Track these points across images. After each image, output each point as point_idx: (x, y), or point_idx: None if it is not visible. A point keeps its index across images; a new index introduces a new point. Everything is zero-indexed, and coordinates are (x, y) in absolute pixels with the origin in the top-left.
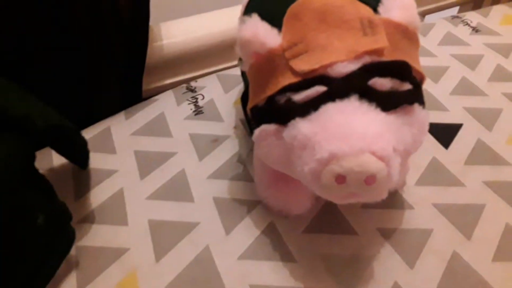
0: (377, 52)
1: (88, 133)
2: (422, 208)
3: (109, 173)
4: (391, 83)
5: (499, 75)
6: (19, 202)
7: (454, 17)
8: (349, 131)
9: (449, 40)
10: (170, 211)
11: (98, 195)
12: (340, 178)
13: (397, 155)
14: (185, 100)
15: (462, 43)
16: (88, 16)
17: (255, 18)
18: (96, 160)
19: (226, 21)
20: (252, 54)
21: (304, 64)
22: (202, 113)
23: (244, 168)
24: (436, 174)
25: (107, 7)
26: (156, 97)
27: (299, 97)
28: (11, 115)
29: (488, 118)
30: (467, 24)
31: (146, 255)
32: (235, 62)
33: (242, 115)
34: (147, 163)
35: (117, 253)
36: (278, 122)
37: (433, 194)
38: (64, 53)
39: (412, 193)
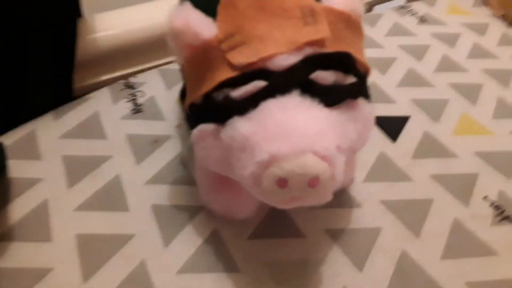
0: (319, 43)
1: (10, 138)
2: (370, 205)
3: (32, 182)
4: (334, 76)
5: (446, 65)
6: None
7: (401, 7)
8: (290, 130)
9: (396, 30)
10: (101, 223)
11: (18, 209)
12: (282, 182)
13: (341, 154)
14: (123, 98)
15: (409, 33)
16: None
17: (187, 6)
18: (17, 169)
19: (166, 12)
20: (185, 46)
21: (241, 57)
22: (142, 111)
23: (186, 170)
24: (384, 170)
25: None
26: (90, 95)
27: (238, 93)
28: None
29: (435, 109)
30: (414, 14)
31: (72, 276)
32: None
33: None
34: (77, 169)
35: (39, 274)
36: (216, 121)
37: (381, 191)
38: None
39: (360, 190)
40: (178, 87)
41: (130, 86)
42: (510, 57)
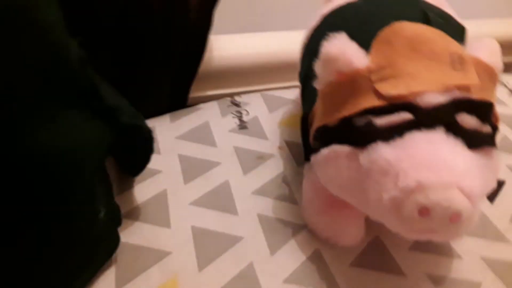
0: (466, 88)
1: None
2: (470, 259)
3: (153, 172)
4: (475, 122)
5: None
6: (93, 189)
7: None
8: (437, 162)
9: None
10: (213, 220)
11: (141, 193)
12: (424, 211)
13: (481, 196)
14: (230, 113)
15: (501, 103)
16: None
17: (343, 36)
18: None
19: (277, 43)
20: (335, 71)
21: (392, 88)
22: (247, 128)
23: (289, 189)
24: (482, 228)
25: (174, 14)
26: (201, 105)
27: (382, 121)
28: (106, 104)
29: None
30: (505, 86)
31: (189, 262)
32: (280, 84)
33: (286, 136)
34: (191, 168)
35: (159, 255)
36: (354, 144)
37: (481, 247)
38: (120, 45)
39: (460, 243)
40: (279, 111)
41: (236, 104)
42: None
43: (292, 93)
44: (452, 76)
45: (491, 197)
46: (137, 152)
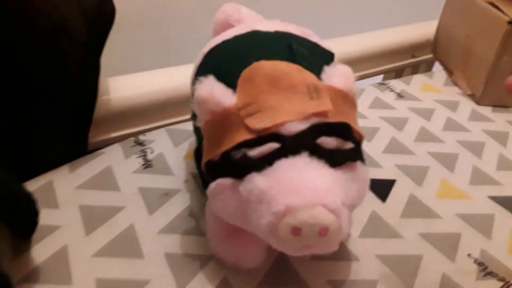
0: (323, 114)
1: (29, 187)
2: (366, 259)
3: (51, 229)
4: (336, 142)
5: (424, 136)
6: None
7: (380, 83)
8: (302, 185)
9: (377, 104)
10: (118, 269)
11: (39, 253)
12: (296, 230)
13: (346, 208)
14: (133, 154)
15: (389, 107)
16: (37, 65)
17: (211, 79)
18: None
19: (173, 78)
20: (208, 111)
21: (258, 123)
22: (152, 166)
23: (196, 222)
24: (376, 227)
25: (57, 60)
26: (103, 150)
27: (254, 152)
28: None
29: (417, 174)
30: (392, 90)
31: None
32: (184, 117)
33: (192, 169)
34: (93, 218)
35: None
36: (234, 176)
37: (375, 246)
38: (7, 99)
39: (357, 245)
40: (185, 145)
41: (140, 143)
42: (480, 130)
43: None
44: (309, 105)
45: (383, 196)
46: (22, 218)
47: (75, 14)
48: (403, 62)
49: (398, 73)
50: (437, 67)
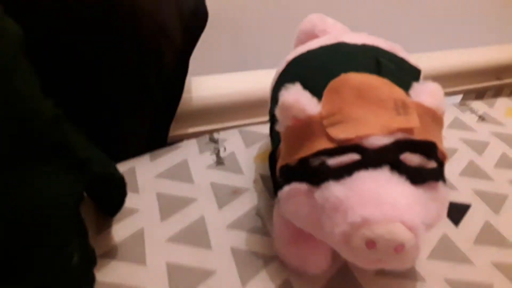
0: (409, 130)
1: None
2: (433, 281)
3: (131, 212)
4: (419, 160)
5: (505, 162)
6: (65, 237)
7: (461, 104)
8: (381, 199)
9: (457, 124)
10: (188, 255)
11: (118, 232)
12: (370, 243)
13: (424, 227)
14: (208, 150)
15: (469, 129)
16: (137, 64)
17: (297, 87)
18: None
19: (250, 82)
20: (291, 117)
21: (341, 133)
22: (223, 164)
23: (262, 222)
24: (446, 250)
25: (156, 59)
26: (180, 143)
27: (333, 161)
28: (78, 157)
29: (495, 201)
30: (474, 112)
31: None
32: (257, 119)
33: (262, 170)
34: (168, 206)
35: None
36: (310, 182)
37: (444, 269)
38: (105, 91)
39: (424, 266)
40: (255, 146)
41: (214, 141)
42: None
43: (268, 127)
44: (395, 120)
45: (456, 220)
46: (111, 197)
47: (174, 16)
48: (486, 84)
49: (478, 94)
50: None
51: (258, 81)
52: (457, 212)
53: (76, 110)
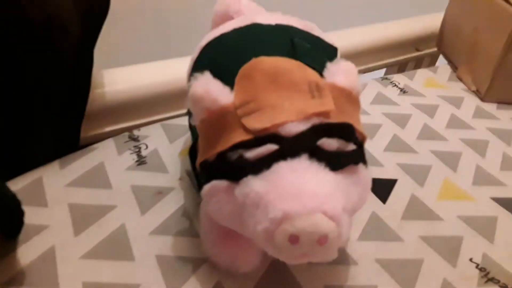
0: (324, 114)
1: (17, 184)
2: (365, 263)
3: (39, 228)
4: (337, 144)
5: (427, 133)
6: None
7: (383, 78)
8: (301, 191)
9: (380, 99)
10: (107, 272)
11: (25, 254)
12: (294, 238)
13: (346, 214)
14: (127, 149)
15: (392, 103)
16: (28, 56)
17: (207, 75)
18: (25, 215)
19: (170, 71)
20: (203, 110)
21: (256, 123)
22: (145, 163)
23: (190, 223)
24: (376, 229)
25: (50, 51)
26: (95, 145)
27: (251, 154)
28: None
29: (419, 174)
30: (396, 85)
31: None
32: (180, 112)
33: (187, 166)
34: (83, 217)
35: None
36: (229, 179)
37: (375, 249)
38: None
39: (356, 248)
40: (180, 141)
41: (134, 139)
42: (485, 128)
43: None
44: (310, 104)
45: (384, 197)
46: (7, 218)
47: (68, 6)
48: (406, 56)
49: (401, 67)
50: (442, 61)
51: (179, 70)
52: (384, 189)
53: None
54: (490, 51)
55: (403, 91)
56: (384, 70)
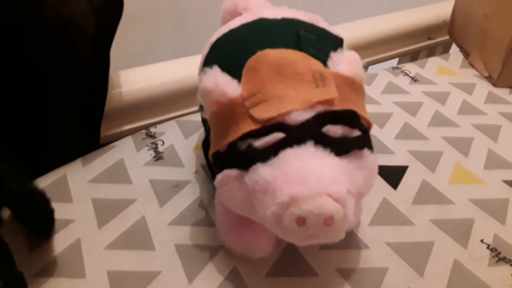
0: (329, 102)
1: (43, 182)
2: (376, 247)
3: (65, 223)
4: (342, 130)
5: (438, 120)
6: None
7: (394, 68)
8: (306, 175)
9: (391, 89)
10: (130, 260)
11: (53, 247)
12: (301, 220)
13: (351, 197)
14: (145, 146)
15: (403, 92)
16: (47, 59)
17: (216, 70)
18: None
19: (183, 69)
20: (213, 102)
21: (263, 112)
22: (162, 158)
23: (206, 213)
24: (387, 214)
25: (67, 53)
26: (115, 143)
27: (259, 143)
28: None
29: (430, 160)
30: (406, 74)
31: None
32: (194, 108)
33: (202, 160)
34: (106, 211)
35: None
36: (239, 167)
37: (386, 233)
38: (20, 95)
39: (367, 233)
40: (195, 136)
41: (151, 136)
42: (496, 113)
43: None
44: (314, 93)
45: (395, 183)
46: (37, 216)
47: (84, 8)
48: (418, 45)
49: (413, 56)
50: (454, 49)
51: (191, 68)
52: (395, 175)
53: None
54: (500, 36)
55: (414, 79)
56: (396, 60)
